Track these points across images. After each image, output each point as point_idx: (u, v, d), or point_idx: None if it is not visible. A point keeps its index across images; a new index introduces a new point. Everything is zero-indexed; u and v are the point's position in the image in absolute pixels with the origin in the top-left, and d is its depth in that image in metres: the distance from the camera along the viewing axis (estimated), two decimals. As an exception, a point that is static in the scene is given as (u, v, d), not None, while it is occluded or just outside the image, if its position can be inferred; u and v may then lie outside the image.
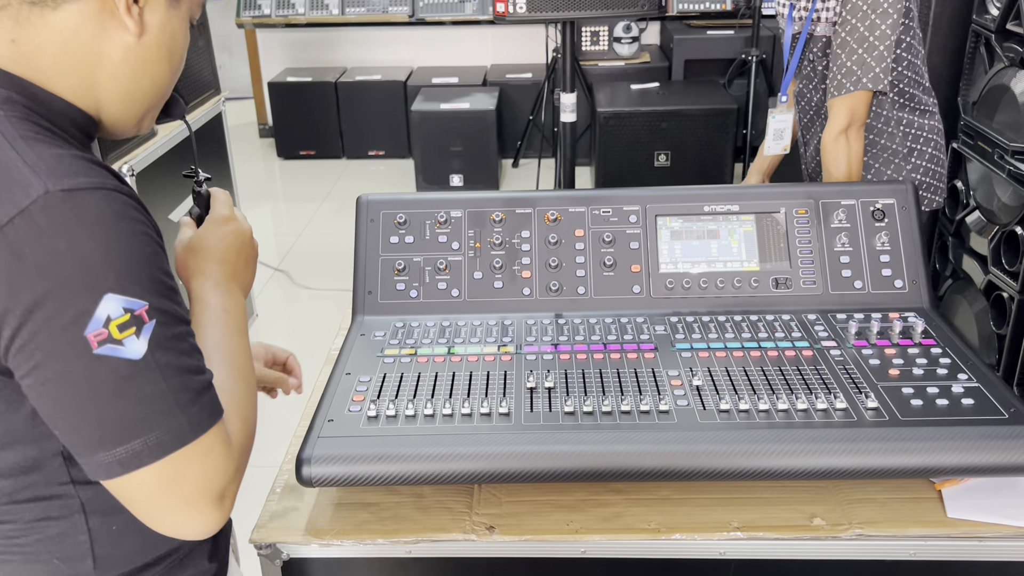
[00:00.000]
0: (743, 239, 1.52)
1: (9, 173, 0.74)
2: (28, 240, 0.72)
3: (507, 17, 2.33)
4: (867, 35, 1.82)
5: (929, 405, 1.20)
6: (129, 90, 0.87)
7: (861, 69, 1.84)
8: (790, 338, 1.39)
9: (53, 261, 0.72)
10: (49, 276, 0.73)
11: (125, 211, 0.78)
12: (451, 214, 1.54)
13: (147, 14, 0.85)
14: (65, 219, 0.73)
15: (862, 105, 1.88)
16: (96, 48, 0.82)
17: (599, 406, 1.22)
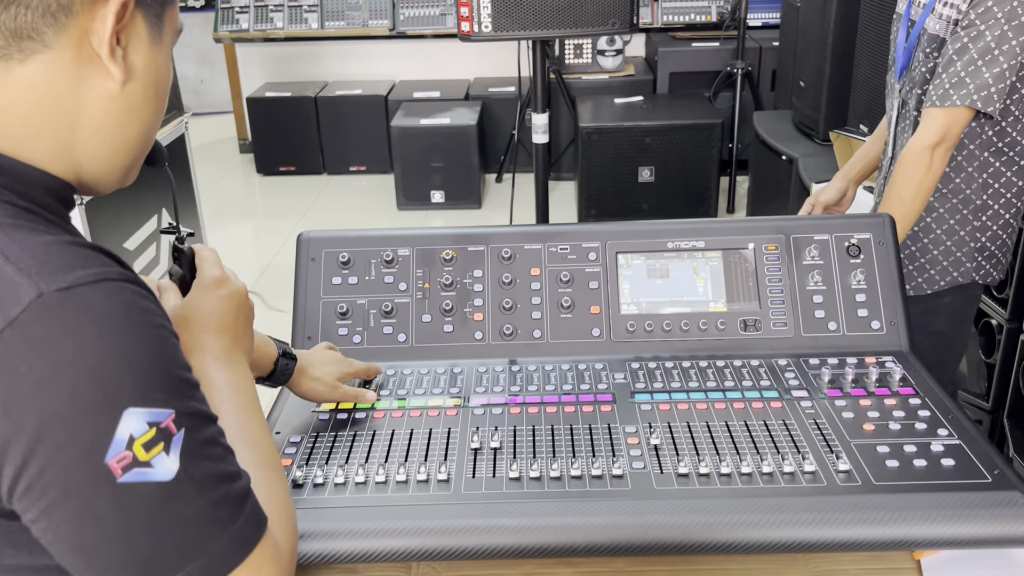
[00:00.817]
0: (709, 277, 1.42)
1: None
2: (24, 354, 0.60)
3: (472, 37, 2.23)
4: (992, 46, 1.59)
5: (906, 467, 1.10)
6: (114, 143, 0.75)
7: (975, 83, 1.61)
8: (758, 387, 1.29)
9: (58, 376, 0.60)
10: (55, 395, 0.60)
11: (134, 302, 0.66)
12: (398, 252, 1.44)
13: (131, 55, 0.74)
14: (66, 323, 0.61)
15: (960, 123, 1.66)
16: (73, 101, 0.71)
17: (547, 470, 1.11)
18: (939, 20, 1.70)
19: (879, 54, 2.94)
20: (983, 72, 1.61)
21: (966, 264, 1.83)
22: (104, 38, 0.70)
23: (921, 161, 1.67)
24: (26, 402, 0.60)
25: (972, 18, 1.61)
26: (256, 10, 5.32)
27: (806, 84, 3.58)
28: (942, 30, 1.69)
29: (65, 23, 0.69)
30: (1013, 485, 1.06)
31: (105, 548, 0.64)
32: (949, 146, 1.68)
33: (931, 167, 1.67)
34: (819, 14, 3.41)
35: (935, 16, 1.72)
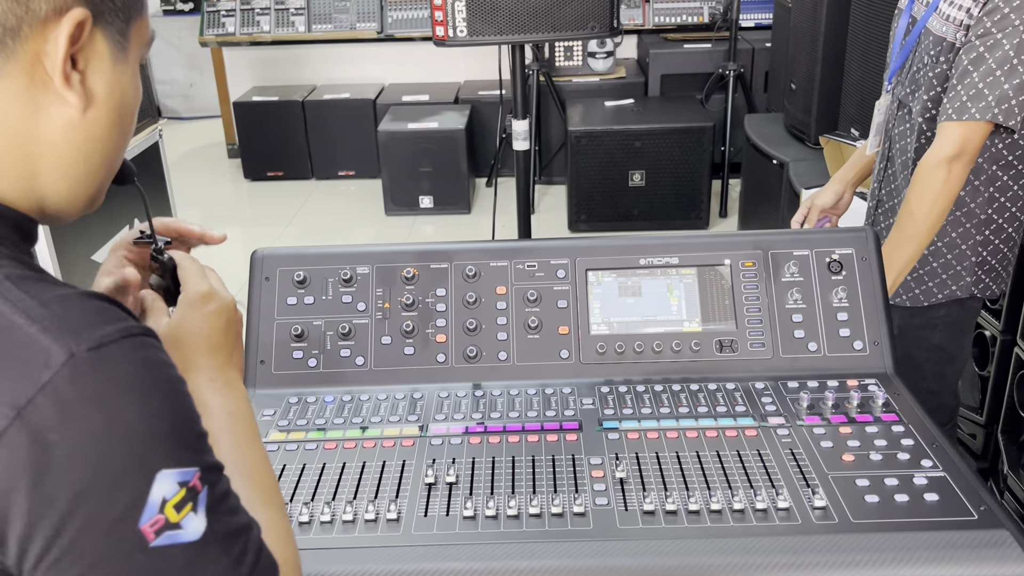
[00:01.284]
0: (683, 296, 1.35)
1: (9, 335, 0.58)
2: (55, 423, 0.56)
3: (447, 41, 2.16)
4: (1012, 56, 1.49)
5: (886, 502, 1.03)
6: (76, 173, 0.70)
7: (994, 96, 1.51)
8: (733, 413, 1.22)
9: (92, 444, 0.57)
10: (89, 464, 0.57)
11: (154, 357, 0.63)
12: (356, 270, 1.37)
13: (91, 79, 0.68)
14: (98, 387, 0.58)
15: (979, 137, 1.56)
16: (31, 132, 0.66)
17: (504, 508, 1.05)
18: (944, 21, 1.61)
19: (870, 56, 2.87)
20: (1002, 83, 1.51)
21: (966, 278, 1.76)
22: (57, 63, 0.64)
23: (936, 176, 1.56)
24: (60, 474, 0.57)
25: (988, 26, 1.51)
26: (242, 13, 5.25)
27: (797, 87, 3.51)
28: (948, 32, 1.60)
29: (13, 47, 0.63)
30: (1000, 523, 0.99)
31: None
32: (968, 161, 1.57)
33: (947, 182, 1.56)
34: (810, 15, 3.34)
35: (939, 16, 1.63)
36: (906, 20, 1.77)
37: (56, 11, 0.64)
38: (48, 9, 0.63)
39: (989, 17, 1.52)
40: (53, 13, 0.64)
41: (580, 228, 4.40)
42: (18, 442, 0.56)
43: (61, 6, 0.64)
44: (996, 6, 1.51)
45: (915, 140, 1.72)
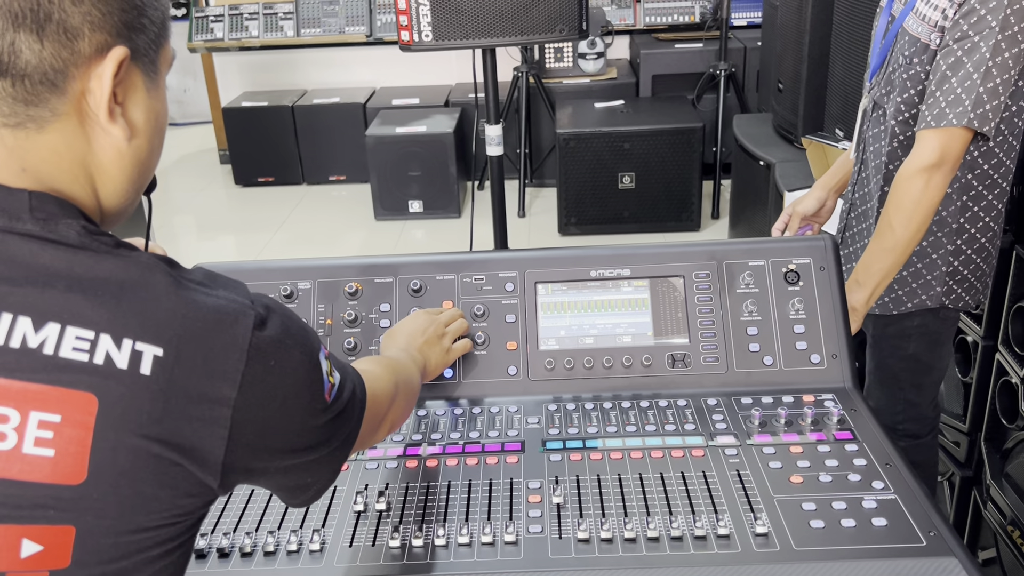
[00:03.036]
0: (635, 309, 1.31)
1: (213, 308, 0.71)
2: (269, 351, 0.72)
3: (412, 47, 2.12)
4: (987, 58, 1.45)
5: (832, 528, 0.98)
6: (126, 189, 0.77)
7: (971, 100, 1.46)
8: (682, 431, 1.17)
9: (293, 353, 0.74)
10: (297, 374, 0.74)
11: None
12: (298, 286, 1.33)
13: (130, 110, 0.74)
14: (275, 321, 0.73)
15: (959, 145, 1.49)
16: (90, 160, 0.73)
17: (433, 537, 1.00)
18: (920, 21, 1.55)
19: (853, 55, 2.81)
20: (978, 87, 1.46)
21: (936, 288, 1.71)
22: (102, 101, 0.70)
23: (914, 185, 1.50)
24: (282, 385, 0.73)
25: (965, 29, 1.46)
26: (231, 19, 5.23)
27: (785, 87, 3.46)
28: (923, 33, 1.55)
29: (63, 88, 0.69)
30: (949, 550, 0.94)
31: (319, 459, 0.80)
32: (948, 170, 1.51)
33: (926, 192, 1.49)
34: (795, 12, 3.28)
35: (916, 16, 1.57)
36: (885, 19, 1.71)
37: (98, 50, 0.69)
38: (91, 50, 0.69)
39: (966, 20, 1.46)
40: (96, 53, 0.69)
41: (570, 231, 4.36)
42: (256, 373, 0.70)
43: (103, 45, 0.69)
44: (972, 8, 1.45)
45: (888, 143, 1.67)
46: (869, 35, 1.84)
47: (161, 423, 0.66)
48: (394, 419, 1.01)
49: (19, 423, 0.63)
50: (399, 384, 1.02)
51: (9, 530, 0.63)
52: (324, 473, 0.82)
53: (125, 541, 0.66)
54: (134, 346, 0.66)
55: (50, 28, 0.66)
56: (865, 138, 1.76)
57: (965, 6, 1.45)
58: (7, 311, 0.64)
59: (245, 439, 0.70)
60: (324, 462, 0.81)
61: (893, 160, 1.65)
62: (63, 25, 0.67)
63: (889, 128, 1.66)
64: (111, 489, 0.65)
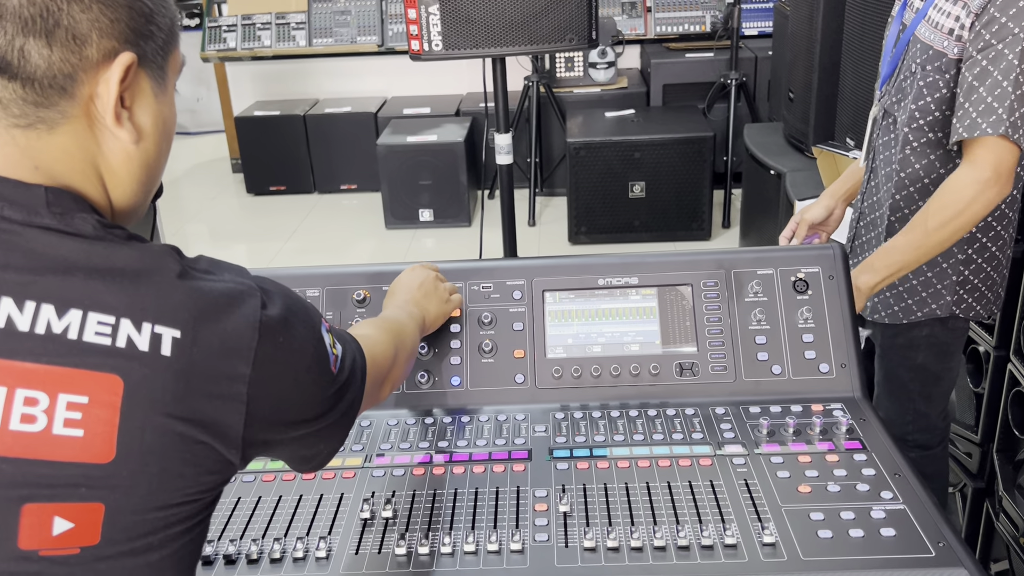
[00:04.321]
0: (643, 317, 1.30)
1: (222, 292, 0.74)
2: (277, 328, 0.75)
3: (422, 56, 2.13)
4: (1016, 65, 1.42)
5: (840, 538, 0.98)
6: (135, 191, 0.79)
7: (1005, 108, 1.42)
8: (689, 440, 1.17)
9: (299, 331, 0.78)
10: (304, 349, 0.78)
11: None
12: (307, 293, 1.33)
13: (138, 114, 0.75)
14: (276, 300, 0.76)
15: (1010, 158, 1.45)
16: (100, 161, 0.75)
17: (439, 546, 1.00)
18: (933, 29, 1.55)
19: (864, 64, 2.81)
20: (1010, 95, 1.43)
21: (947, 297, 1.69)
22: (109, 105, 0.72)
23: (965, 193, 1.46)
24: (292, 360, 0.76)
25: (987, 38, 1.44)
26: (243, 28, 5.26)
27: (795, 96, 3.45)
28: (936, 41, 1.54)
29: (72, 92, 0.70)
30: (959, 560, 0.93)
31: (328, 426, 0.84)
32: (1003, 187, 1.46)
33: (975, 203, 1.46)
34: (806, 22, 3.28)
35: (928, 23, 1.56)
36: (896, 27, 1.71)
37: (106, 56, 0.70)
38: (99, 55, 0.70)
39: (987, 29, 1.45)
40: (103, 58, 0.70)
41: (581, 240, 4.36)
42: (267, 350, 0.73)
43: (111, 51, 0.70)
44: (992, 17, 1.44)
45: (899, 150, 1.66)
46: (880, 44, 1.84)
47: (183, 402, 0.68)
48: (395, 379, 1.06)
49: (48, 405, 0.65)
50: (398, 345, 1.06)
51: (41, 508, 0.65)
52: (333, 439, 0.87)
53: (152, 518, 0.68)
54: (153, 329, 0.68)
55: (59, 34, 0.68)
56: (875, 147, 1.76)
57: (985, 16, 1.45)
58: (31, 299, 0.66)
59: (262, 413, 0.73)
60: (334, 428, 0.85)
61: (905, 168, 1.64)
62: (72, 31, 0.68)
63: (901, 135, 1.65)
64: (139, 467, 0.67)
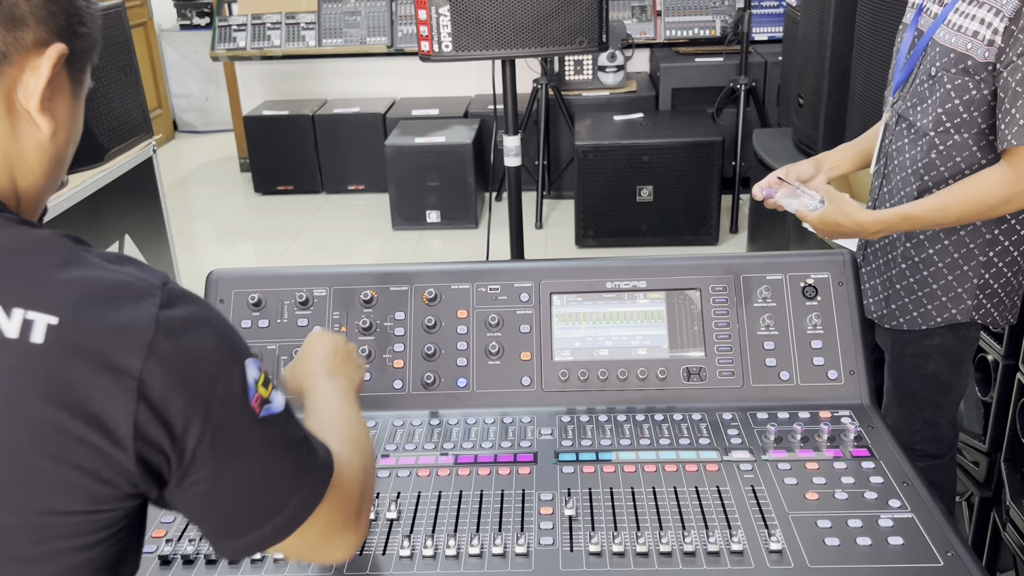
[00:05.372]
0: (651, 321, 1.30)
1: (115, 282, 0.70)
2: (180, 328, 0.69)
3: (432, 57, 2.13)
4: None
5: (847, 546, 0.97)
6: (42, 183, 0.78)
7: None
8: (696, 445, 1.16)
9: (206, 342, 0.71)
10: (210, 357, 0.71)
11: None
12: (314, 293, 1.33)
13: (56, 108, 0.76)
14: (188, 302, 0.72)
15: None
16: (12, 149, 0.74)
17: (443, 548, 1.00)
18: (956, 32, 1.54)
19: (875, 70, 2.80)
20: None
21: (967, 302, 1.68)
22: (37, 90, 0.72)
23: (994, 193, 1.47)
24: (193, 367, 0.69)
25: (1017, 62, 1.46)
26: (253, 28, 5.27)
27: (805, 101, 3.44)
28: (960, 44, 1.53)
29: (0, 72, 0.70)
30: (967, 570, 0.92)
31: (255, 484, 0.73)
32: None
33: (1001, 207, 1.48)
34: (817, 28, 3.27)
35: (949, 27, 1.56)
36: (911, 34, 1.70)
37: (38, 43, 0.71)
38: (32, 41, 0.71)
39: (1012, 49, 1.45)
40: (35, 45, 0.71)
41: (587, 243, 4.35)
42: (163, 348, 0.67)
43: (43, 40, 0.71)
44: None
45: (923, 154, 1.64)
46: (891, 51, 1.83)
47: (60, 391, 0.64)
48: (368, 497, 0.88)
49: None
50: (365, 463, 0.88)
51: None
52: (266, 513, 0.74)
53: (34, 523, 0.65)
54: (25, 315, 0.65)
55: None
56: (887, 152, 1.75)
57: (1022, 20, 1.44)
58: None
59: (158, 416, 0.67)
60: (267, 495, 0.74)
61: (930, 171, 1.63)
62: (10, 13, 0.69)
63: (926, 139, 1.63)
64: (10, 464, 0.64)
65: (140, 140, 2.73)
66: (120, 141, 2.61)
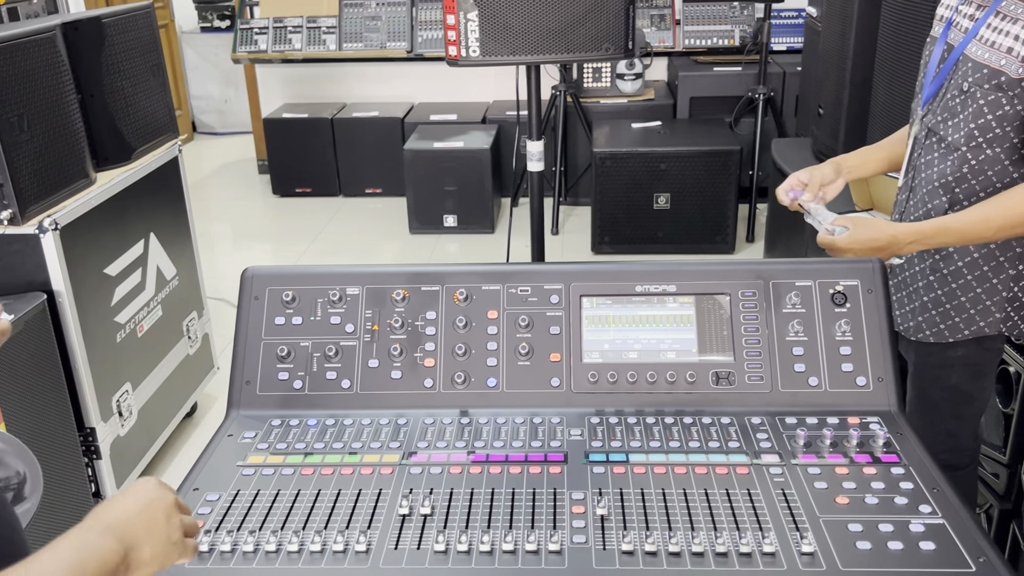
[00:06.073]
0: (680, 325, 1.31)
1: None
2: None
3: (460, 61, 2.15)
4: None
5: (879, 550, 0.98)
6: None
7: None
8: (725, 449, 1.17)
9: None
10: None
11: None
12: (347, 291, 1.35)
13: None
14: None
15: None
16: None
17: (477, 543, 1.01)
18: (988, 48, 1.54)
19: (898, 81, 2.80)
20: None
21: (995, 315, 1.69)
22: None
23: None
24: None
25: None
26: (275, 31, 5.32)
27: (825, 111, 3.45)
28: (993, 60, 1.53)
29: None
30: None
31: None
32: None
33: None
34: (838, 39, 3.28)
35: (981, 43, 1.56)
36: (941, 48, 1.70)
37: None
38: None
39: None
40: None
41: (604, 250, 4.36)
42: None
43: None
44: None
45: (955, 168, 1.65)
46: (915, 63, 1.83)
47: None
48: None
49: None
50: None
51: None
52: None
53: None
54: None
55: None
56: (916, 165, 1.75)
57: None
58: None
59: None
60: None
61: (961, 184, 1.63)
62: None
63: (957, 154, 1.64)
64: None
65: (166, 140, 2.76)
66: (147, 140, 2.64)
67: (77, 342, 2.20)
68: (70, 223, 2.19)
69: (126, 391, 2.46)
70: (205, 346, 3.02)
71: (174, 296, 2.76)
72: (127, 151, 2.53)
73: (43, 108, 2.16)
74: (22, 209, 2.08)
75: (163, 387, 2.68)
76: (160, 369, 2.66)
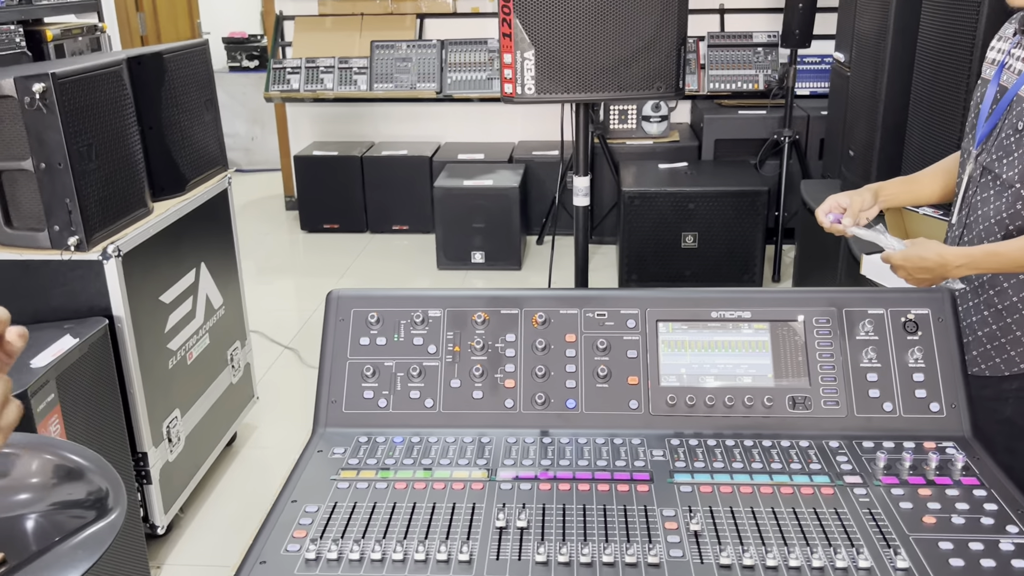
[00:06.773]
0: (756, 351, 1.34)
1: None
2: None
3: (515, 99, 2.21)
4: None
5: (973, 567, 1.00)
6: None
7: None
8: (807, 470, 1.20)
9: None
10: None
11: None
12: (429, 313, 1.39)
13: None
14: None
15: None
16: None
17: (577, 555, 1.03)
18: None
19: (934, 124, 2.86)
20: None
21: None
22: None
23: None
24: None
25: None
26: (307, 71, 5.43)
27: (855, 153, 3.51)
28: None
29: None
30: (1095, 593, 0.95)
31: None
32: None
33: None
34: (871, 83, 3.35)
35: None
36: (994, 89, 1.76)
37: None
38: None
39: None
40: None
41: (630, 287, 4.40)
42: None
43: None
44: None
45: (1010, 205, 1.70)
46: (952, 107, 1.88)
47: None
48: None
49: None
50: None
51: None
52: None
53: None
54: None
55: None
56: (971, 203, 1.80)
57: None
58: None
59: None
60: None
61: (1015, 221, 1.68)
62: None
63: (1013, 191, 1.69)
64: None
65: (217, 172, 2.83)
66: (200, 172, 2.71)
67: (134, 367, 2.24)
68: (130, 251, 2.25)
69: (175, 417, 2.49)
70: (247, 375, 3.05)
71: (220, 325, 2.80)
72: (182, 182, 2.60)
73: (109, 139, 2.23)
74: (88, 236, 2.13)
75: (208, 415, 2.71)
76: (207, 396, 2.70)
